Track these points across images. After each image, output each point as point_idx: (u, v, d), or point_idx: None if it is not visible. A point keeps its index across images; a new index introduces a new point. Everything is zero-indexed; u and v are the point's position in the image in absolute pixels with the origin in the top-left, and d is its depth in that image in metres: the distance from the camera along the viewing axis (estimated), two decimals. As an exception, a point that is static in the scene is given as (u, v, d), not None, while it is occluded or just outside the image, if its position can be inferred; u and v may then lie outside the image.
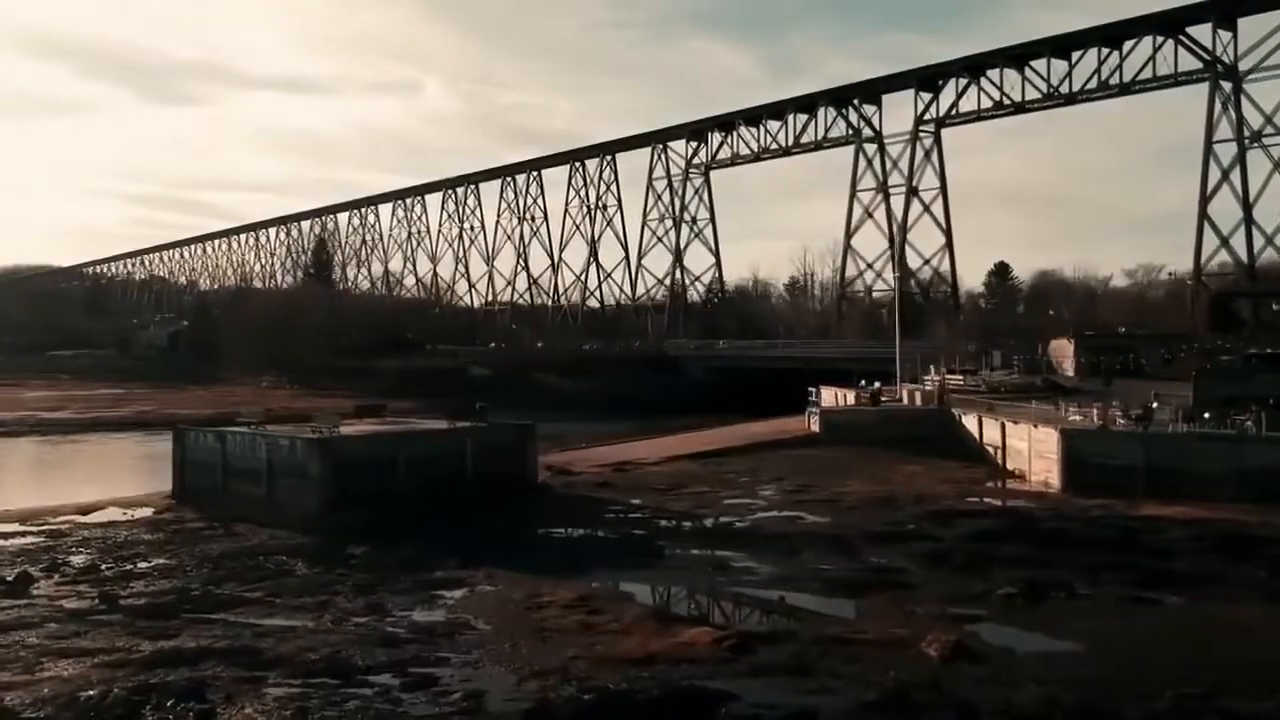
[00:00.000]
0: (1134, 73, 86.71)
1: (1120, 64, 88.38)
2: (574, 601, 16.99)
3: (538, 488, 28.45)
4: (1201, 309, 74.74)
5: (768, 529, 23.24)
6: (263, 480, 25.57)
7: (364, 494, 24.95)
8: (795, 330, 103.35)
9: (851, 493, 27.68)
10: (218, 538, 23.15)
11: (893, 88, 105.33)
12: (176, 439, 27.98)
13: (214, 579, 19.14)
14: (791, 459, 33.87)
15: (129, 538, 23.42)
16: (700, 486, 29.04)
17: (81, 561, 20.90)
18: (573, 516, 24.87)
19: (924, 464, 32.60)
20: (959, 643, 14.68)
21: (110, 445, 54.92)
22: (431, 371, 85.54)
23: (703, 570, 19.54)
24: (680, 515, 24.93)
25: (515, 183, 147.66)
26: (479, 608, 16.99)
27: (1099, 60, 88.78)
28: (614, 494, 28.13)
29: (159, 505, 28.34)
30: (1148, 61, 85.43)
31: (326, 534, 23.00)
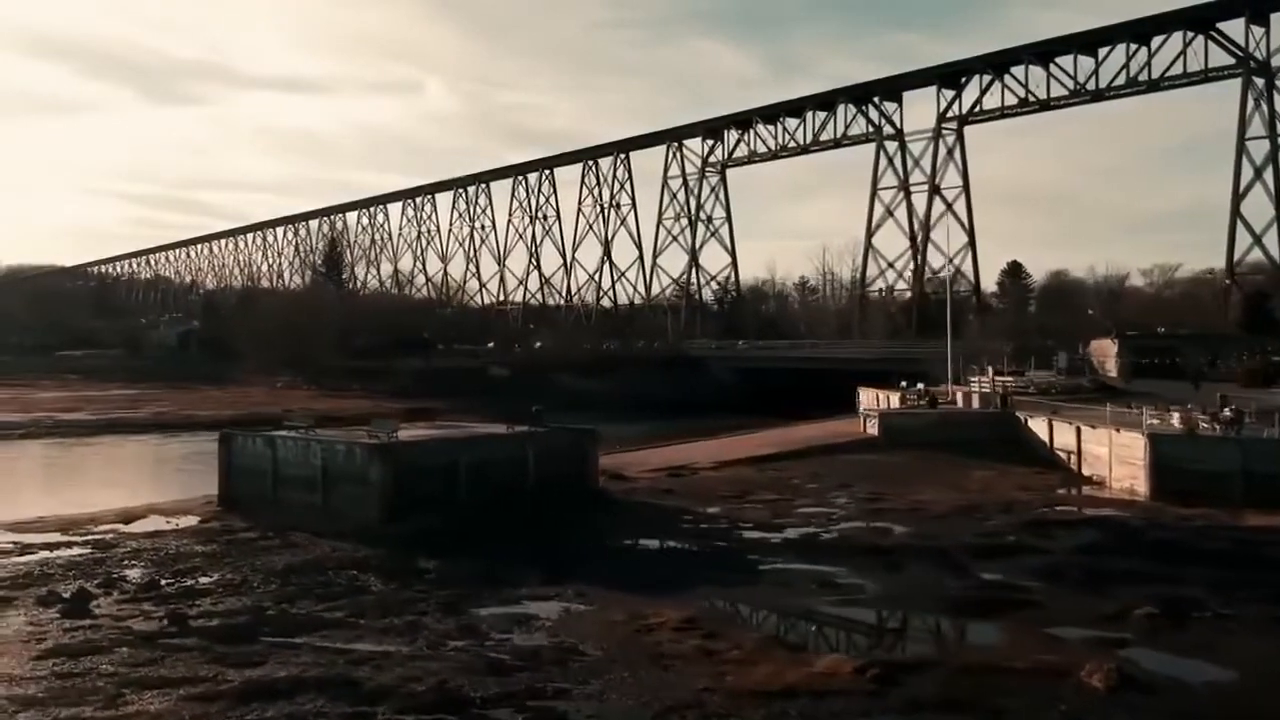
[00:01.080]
0: (1163, 69, 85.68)
1: (1149, 60, 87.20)
2: (683, 624, 15.69)
3: (599, 495, 27.18)
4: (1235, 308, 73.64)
5: (858, 541, 21.95)
6: (318, 487, 24.29)
7: (425, 502, 23.71)
8: (815, 330, 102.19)
9: (931, 501, 26.41)
10: (276, 549, 21.87)
11: (914, 85, 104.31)
12: (223, 443, 26.71)
13: (285, 596, 17.85)
14: (853, 464, 32.62)
15: (181, 549, 22.13)
16: (768, 494, 27.76)
17: (138, 576, 19.62)
18: (647, 527, 23.57)
19: (994, 469, 31.36)
20: (1123, 672, 13.42)
21: (130, 447, 53.70)
22: (450, 372, 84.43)
23: (806, 588, 18.24)
24: (760, 526, 23.65)
25: (527, 182, 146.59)
26: (582, 630, 15.70)
27: (1127, 56, 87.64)
28: (681, 501, 26.86)
29: (203, 513, 27.10)
30: (1177, 57, 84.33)
31: (389, 545, 21.73)
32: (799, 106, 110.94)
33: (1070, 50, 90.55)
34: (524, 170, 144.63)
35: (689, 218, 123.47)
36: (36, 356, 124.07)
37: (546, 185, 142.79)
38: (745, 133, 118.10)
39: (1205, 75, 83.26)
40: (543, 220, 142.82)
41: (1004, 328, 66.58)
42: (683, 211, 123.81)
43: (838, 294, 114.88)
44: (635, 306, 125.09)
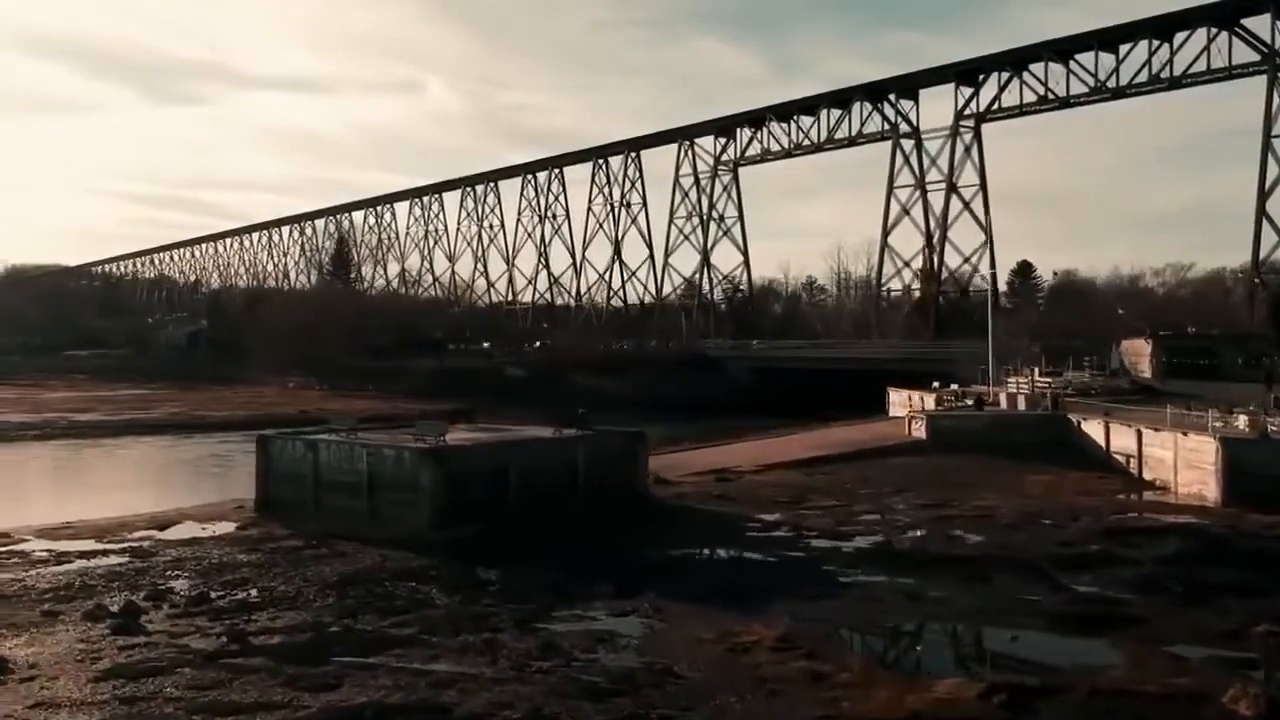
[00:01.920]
0: (1185, 66, 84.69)
1: (1171, 58, 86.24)
2: (779, 643, 14.72)
3: (650, 500, 26.22)
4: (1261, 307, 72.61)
5: (934, 551, 20.99)
6: (363, 493, 23.32)
7: (475, 509, 22.75)
8: (831, 330, 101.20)
9: (995, 507, 25.44)
10: (324, 558, 20.91)
11: (931, 82, 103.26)
12: (261, 446, 25.73)
13: (346, 610, 16.88)
14: (903, 468, 31.66)
15: (225, 559, 21.17)
16: (826, 500, 26.77)
17: (185, 588, 18.65)
18: (709, 535, 22.63)
19: (1050, 474, 30.40)
20: (1271, 699, 12.46)
21: (146, 449, 52.76)
22: (465, 372, 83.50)
23: (895, 602, 17.29)
24: (826, 534, 22.69)
25: (536, 180, 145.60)
26: (670, 649, 14.73)
27: (1149, 53, 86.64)
28: (737, 507, 25.89)
29: (238, 519, 26.15)
30: (1201, 53, 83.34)
31: (443, 554, 20.78)
32: (813, 104, 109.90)
33: (1090, 47, 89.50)
34: (533, 169, 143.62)
35: (700, 217, 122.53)
36: (43, 356, 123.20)
37: (556, 184, 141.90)
38: (758, 131, 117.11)
39: (1230, 72, 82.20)
40: (552, 219, 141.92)
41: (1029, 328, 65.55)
42: (694, 210, 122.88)
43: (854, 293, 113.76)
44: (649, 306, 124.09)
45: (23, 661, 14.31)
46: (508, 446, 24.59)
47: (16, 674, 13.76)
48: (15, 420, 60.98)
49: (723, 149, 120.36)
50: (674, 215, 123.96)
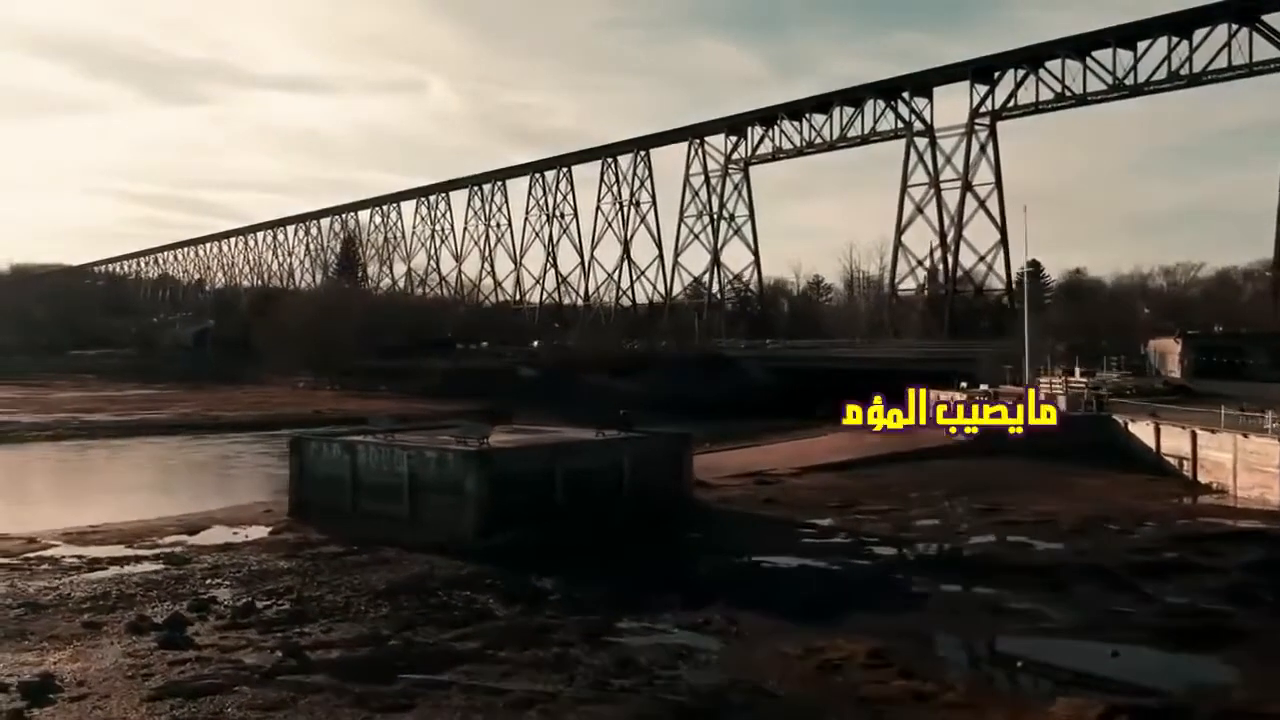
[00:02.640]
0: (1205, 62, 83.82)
1: (1191, 54, 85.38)
2: (869, 658, 13.88)
3: (697, 505, 25.38)
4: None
5: (1004, 559, 20.15)
6: (404, 497, 22.48)
7: (520, 513, 21.91)
8: (848, 330, 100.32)
9: (1055, 512, 24.59)
10: (368, 565, 20.06)
11: (945, 80, 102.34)
12: (295, 449, 24.89)
13: (403, 622, 16.04)
14: (948, 471, 30.79)
15: (265, 566, 20.33)
16: (879, 504, 25.92)
17: (228, 597, 17.82)
18: (765, 541, 21.75)
19: (1102, 477, 29.55)
20: None
21: (160, 449, 51.91)
22: (478, 372, 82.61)
23: (978, 614, 16.45)
24: (887, 540, 21.85)
25: (544, 179, 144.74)
26: (755, 665, 13.89)
27: (1169, 49, 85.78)
28: (787, 512, 25.04)
29: (269, 522, 25.33)
30: (1221, 50, 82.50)
31: (492, 561, 19.94)
32: (825, 102, 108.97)
33: (1108, 44, 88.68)
34: (541, 168, 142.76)
35: (711, 216, 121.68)
36: (49, 356, 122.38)
37: (564, 183, 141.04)
38: (769, 129, 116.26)
39: (1250, 69, 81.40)
40: (560, 219, 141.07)
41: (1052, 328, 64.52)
42: (704, 209, 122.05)
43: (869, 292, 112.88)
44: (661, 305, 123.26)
45: (70, 678, 13.48)
46: (554, 449, 23.73)
47: (66, 692, 12.94)
48: (26, 421, 60.20)
49: (733, 148, 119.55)
50: (684, 214, 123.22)
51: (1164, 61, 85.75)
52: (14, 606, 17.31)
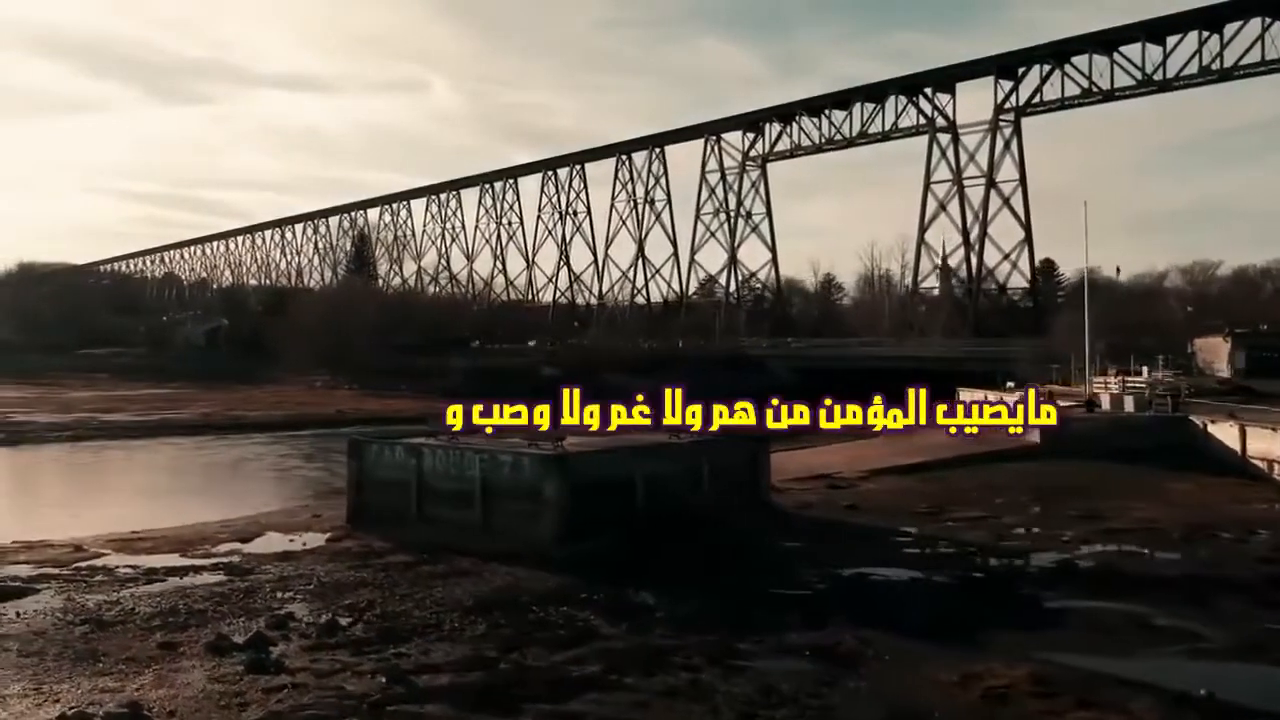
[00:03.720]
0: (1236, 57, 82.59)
1: (1222, 49, 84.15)
2: (1035, 685, 12.62)
3: (778, 511, 24.13)
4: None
5: (1128, 570, 18.88)
6: (475, 503, 21.19)
7: (600, 521, 20.66)
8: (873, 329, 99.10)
9: (1157, 519, 23.32)
10: (447, 577, 18.79)
11: (969, 75, 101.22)
12: (353, 452, 23.62)
13: (506, 642, 14.76)
14: (1024, 474, 29.52)
15: (335, 577, 19.07)
16: (966, 510, 24.64)
17: (306, 613, 16.55)
18: (863, 551, 20.47)
19: (1188, 480, 28.28)
20: None
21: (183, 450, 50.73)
22: (498, 371, 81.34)
23: (1128, 633, 15.17)
24: (992, 550, 20.58)
25: (557, 177, 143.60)
26: (911, 692, 12.62)
27: (1199, 43, 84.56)
28: (872, 518, 23.77)
29: (325, 529, 24.10)
30: (1253, 44, 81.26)
31: (576, 571, 18.69)
32: (845, 98, 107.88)
33: (1136, 38, 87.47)
34: (554, 165, 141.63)
35: (727, 213, 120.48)
36: (59, 355, 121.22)
37: (577, 181, 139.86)
38: (787, 126, 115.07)
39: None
40: (573, 217, 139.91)
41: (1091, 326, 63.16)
42: (721, 207, 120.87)
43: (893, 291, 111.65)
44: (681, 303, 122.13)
45: (159, 707, 12.22)
46: (633, 453, 22.43)
47: (158, 725, 11.71)
48: (44, 421, 59.04)
49: (751, 144, 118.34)
50: (700, 212, 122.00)
51: (1194, 56, 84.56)
52: (77, 623, 16.07)
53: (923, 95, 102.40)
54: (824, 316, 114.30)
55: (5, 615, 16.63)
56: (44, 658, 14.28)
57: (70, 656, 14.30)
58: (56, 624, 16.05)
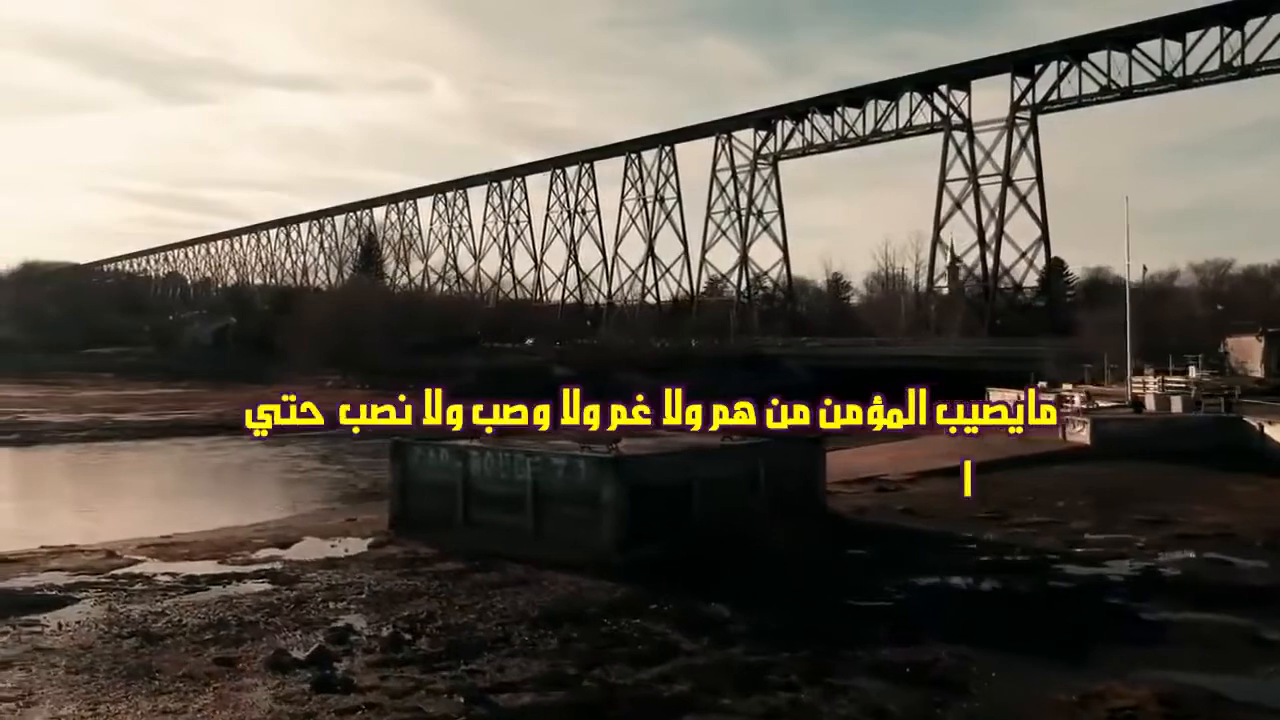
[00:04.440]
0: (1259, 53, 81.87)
1: (1244, 45, 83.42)
2: (1164, 707, 11.77)
3: (834, 516, 23.30)
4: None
5: (1215, 580, 17.98)
6: (527, 508, 20.35)
7: (657, 527, 19.83)
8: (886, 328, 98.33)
9: (1229, 524, 22.46)
10: (504, 586, 17.94)
11: (985, 72, 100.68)
12: (396, 454, 22.77)
13: (581, 657, 13.93)
14: (1077, 477, 28.66)
15: (387, 586, 18.22)
16: (1028, 514, 23.77)
17: (365, 626, 15.71)
18: (933, 559, 19.61)
19: (1251, 482, 27.39)
20: None
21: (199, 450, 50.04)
22: (511, 371, 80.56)
23: (1241, 648, 14.33)
24: (1068, 558, 19.71)
25: (565, 176, 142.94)
26: (1031, 713, 11.81)
27: (1221, 38, 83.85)
28: (931, 524, 22.93)
29: (367, 534, 23.24)
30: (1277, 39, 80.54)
31: (639, 580, 17.86)
32: (858, 96, 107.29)
33: (1155, 35, 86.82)
34: (562, 164, 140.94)
35: (738, 212, 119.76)
36: (64, 354, 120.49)
37: (586, 179, 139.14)
38: (799, 123, 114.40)
39: (1310, 61, 79.57)
40: (582, 215, 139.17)
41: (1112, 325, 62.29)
42: (732, 205, 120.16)
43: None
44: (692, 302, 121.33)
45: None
46: (690, 455, 21.59)
47: (232, 753, 10.88)
48: (57, 421, 58.35)
49: (762, 143, 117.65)
50: (711, 211, 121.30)
51: (1216, 51, 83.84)
52: (125, 636, 15.22)
53: (937, 93, 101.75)
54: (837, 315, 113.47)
55: (46, 627, 15.82)
56: (95, 674, 13.45)
57: (122, 673, 13.46)
58: (102, 637, 15.22)
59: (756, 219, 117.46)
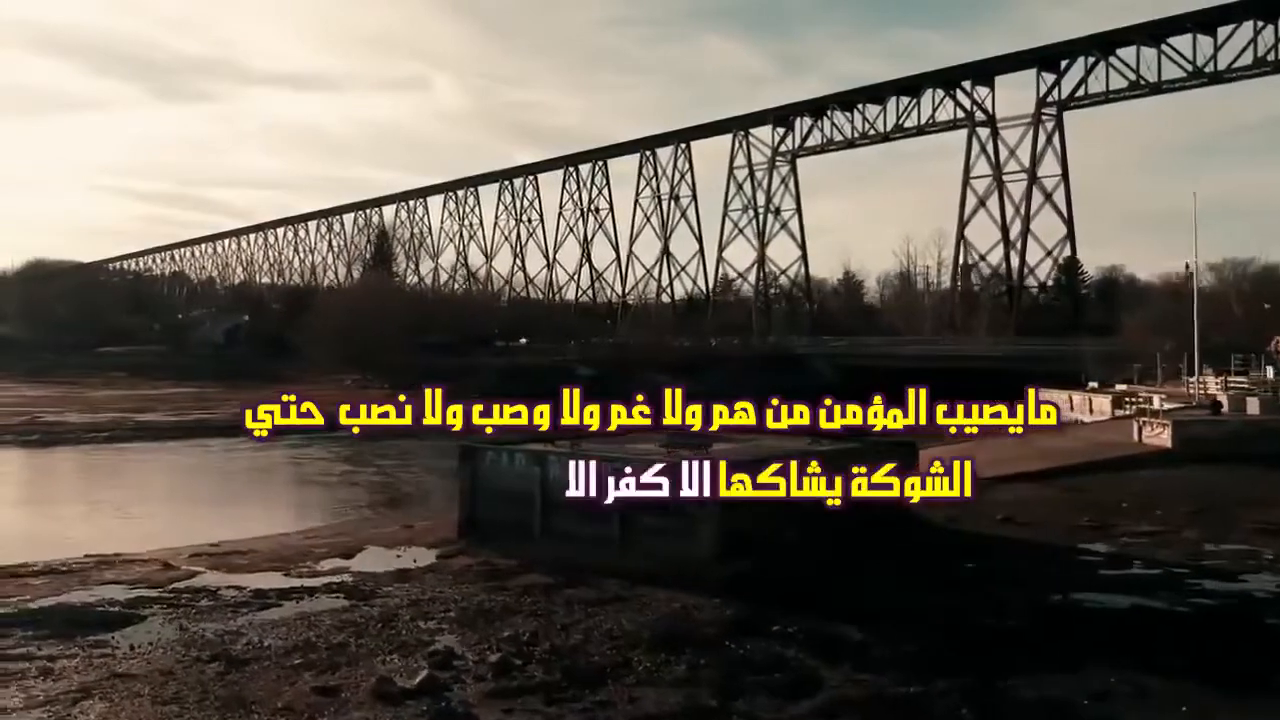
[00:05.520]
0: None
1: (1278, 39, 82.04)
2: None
3: (927, 525, 22.02)
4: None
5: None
6: (612, 517, 19.11)
7: (749, 537, 18.62)
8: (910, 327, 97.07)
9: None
10: (599, 603, 16.63)
11: (1010, 68, 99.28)
12: (465, 459, 21.53)
13: (716, 687, 12.64)
14: (1169, 482, 27.32)
15: (475, 602, 16.91)
16: (1134, 523, 22.47)
17: (463, 648, 14.38)
18: (1051, 572, 18.35)
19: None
20: None
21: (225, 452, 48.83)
22: (533, 370, 79.27)
23: None
24: (1197, 571, 18.44)
25: (579, 173, 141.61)
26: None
27: (1255, 32, 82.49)
28: (1032, 533, 21.65)
29: (433, 543, 21.98)
30: (1312, 36, 79.09)
31: (743, 596, 16.60)
32: (879, 92, 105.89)
33: (1186, 29, 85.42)
34: (575, 161, 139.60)
35: (755, 210, 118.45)
36: (75, 353, 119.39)
37: (600, 177, 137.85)
38: (818, 120, 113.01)
39: (1345, 55, 78.21)
40: (595, 214, 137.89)
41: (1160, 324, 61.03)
42: (749, 203, 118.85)
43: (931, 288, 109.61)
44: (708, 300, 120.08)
45: (353, 778, 10.14)
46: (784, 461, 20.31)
47: (367, 806, 9.60)
48: (77, 421, 57.16)
49: (781, 139, 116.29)
50: (728, 209, 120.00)
51: (1250, 45, 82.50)
52: (206, 660, 13.93)
53: (960, 89, 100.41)
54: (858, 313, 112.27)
55: (117, 649, 14.55)
56: (184, 705, 12.17)
57: (215, 705, 12.18)
58: (181, 661, 13.93)
59: (774, 217, 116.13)
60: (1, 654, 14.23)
